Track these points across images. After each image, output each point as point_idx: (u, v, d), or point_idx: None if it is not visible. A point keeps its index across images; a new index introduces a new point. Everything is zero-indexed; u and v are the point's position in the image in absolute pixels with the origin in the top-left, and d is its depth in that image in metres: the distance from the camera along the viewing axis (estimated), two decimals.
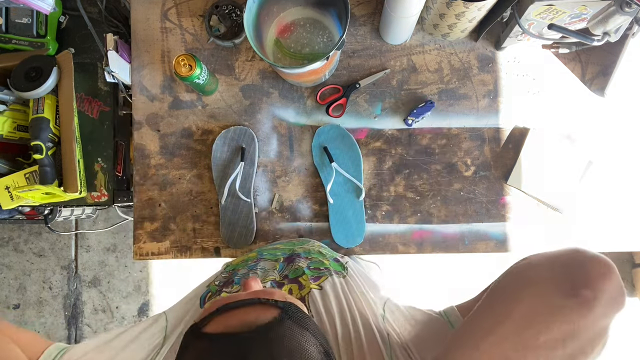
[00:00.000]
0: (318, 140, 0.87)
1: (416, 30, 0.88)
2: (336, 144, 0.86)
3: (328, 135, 0.87)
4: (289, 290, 0.57)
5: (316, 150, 0.87)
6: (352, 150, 0.86)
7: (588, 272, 0.39)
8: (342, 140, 0.86)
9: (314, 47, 0.84)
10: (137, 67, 0.90)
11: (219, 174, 0.87)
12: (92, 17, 0.97)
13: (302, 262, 0.65)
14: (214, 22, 0.89)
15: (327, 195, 0.85)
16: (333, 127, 0.87)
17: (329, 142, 0.87)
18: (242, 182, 0.85)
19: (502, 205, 0.89)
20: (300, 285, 0.58)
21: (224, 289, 0.60)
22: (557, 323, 0.37)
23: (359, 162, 0.86)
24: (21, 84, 0.94)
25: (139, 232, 0.89)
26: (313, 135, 0.88)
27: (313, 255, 0.69)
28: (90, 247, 1.78)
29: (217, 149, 0.87)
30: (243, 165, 0.85)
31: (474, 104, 0.89)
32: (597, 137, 0.88)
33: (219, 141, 0.87)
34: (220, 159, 0.87)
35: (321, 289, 0.57)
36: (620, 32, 0.64)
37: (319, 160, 0.87)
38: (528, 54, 0.88)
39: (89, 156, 1.06)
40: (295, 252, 0.71)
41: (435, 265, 1.75)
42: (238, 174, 0.84)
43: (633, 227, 0.88)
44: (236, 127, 0.87)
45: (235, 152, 0.86)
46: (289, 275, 0.62)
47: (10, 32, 1.01)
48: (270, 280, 0.61)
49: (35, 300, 1.78)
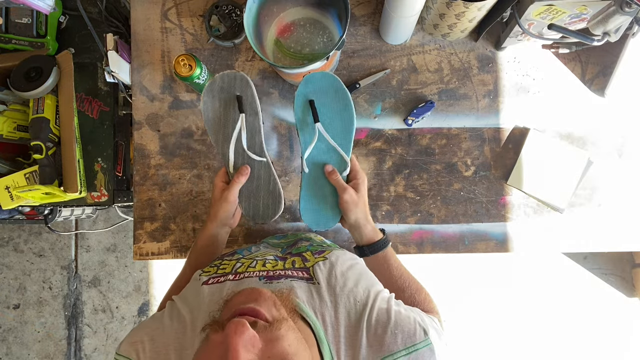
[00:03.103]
0: (304, 90, 0.67)
1: (416, 30, 0.88)
2: (326, 99, 0.67)
3: (318, 86, 0.67)
4: (292, 262, 0.57)
5: (299, 102, 0.68)
6: (346, 111, 0.67)
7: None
8: (334, 96, 0.67)
9: (314, 47, 0.84)
10: (137, 67, 0.90)
11: (217, 137, 0.69)
12: (92, 17, 0.98)
13: (304, 244, 0.68)
14: (214, 22, 0.89)
15: (303, 162, 0.69)
16: (326, 75, 0.67)
17: (318, 96, 0.67)
18: (249, 138, 0.69)
19: (502, 205, 0.89)
20: (304, 258, 0.58)
21: (225, 258, 0.61)
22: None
23: (350, 128, 0.68)
24: (21, 84, 0.94)
25: (139, 232, 0.89)
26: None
27: (315, 242, 0.71)
28: (90, 247, 1.78)
29: (207, 107, 0.69)
30: (244, 117, 0.68)
31: (474, 104, 0.89)
32: (597, 137, 0.88)
33: (207, 97, 0.68)
34: (215, 118, 0.69)
35: (326, 260, 0.57)
36: (620, 32, 0.64)
37: (301, 116, 0.68)
38: (528, 54, 0.88)
39: (89, 156, 1.06)
40: (299, 237, 0.74)
41: (435, 265, 1.75)
42: (241, 128, 0.67)
43: (633, 227, 0.88)
44: (222, 73, 0.68)
45: (230, 104, 0.69)
46: (292, 252, 0.63)
47: (10, 32, 1.01)
48: (273, 254, 0.61)
49: (35, 300, 1.78)
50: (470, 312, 1.76)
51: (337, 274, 0.54)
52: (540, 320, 1.76)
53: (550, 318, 1.76)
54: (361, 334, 0.49)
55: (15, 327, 1.78)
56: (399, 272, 0.65)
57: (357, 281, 0.55)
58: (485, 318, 1.76)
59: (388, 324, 0.49)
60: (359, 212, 0.65)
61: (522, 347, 1.75)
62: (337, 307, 0.51)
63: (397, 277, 0.65)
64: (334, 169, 0.67)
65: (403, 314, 0.51)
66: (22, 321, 1.78)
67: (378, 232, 0.66)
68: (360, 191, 0.66)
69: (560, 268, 1.78)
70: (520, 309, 1.76)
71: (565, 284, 1.77)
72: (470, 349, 1.75)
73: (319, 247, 0.64)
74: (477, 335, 1.76)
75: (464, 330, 1.75)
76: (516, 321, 1.76)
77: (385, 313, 0.50)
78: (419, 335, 0.49)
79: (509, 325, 1.75)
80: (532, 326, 1.76)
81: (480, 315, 1.76)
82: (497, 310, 1.76)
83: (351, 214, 0.65)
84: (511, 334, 1.75)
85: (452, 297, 1.75)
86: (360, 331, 0.49)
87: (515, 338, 1.75)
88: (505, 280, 1.77)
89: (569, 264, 1.78)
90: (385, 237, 0.66)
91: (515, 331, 1.75)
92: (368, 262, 0.67)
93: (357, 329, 0.49)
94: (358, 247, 0.68)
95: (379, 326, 0.49)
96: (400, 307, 0.52)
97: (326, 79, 0.67)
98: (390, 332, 0.48)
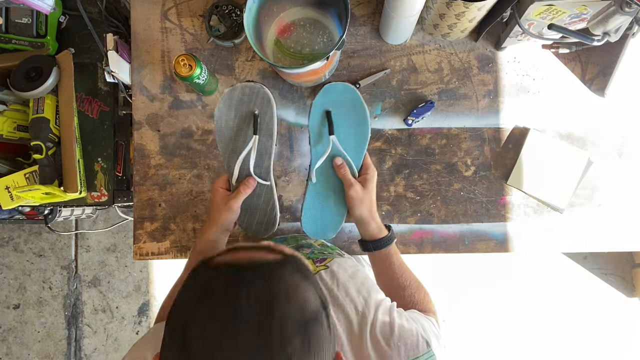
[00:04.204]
0: (322, 100, 0.66)
1: (416, 30, 0.88)
2: (344, 111, 0.66)
3: (337, 98, 0.66)
4: None
5: (316, 112, 0.66)
6: (362, 126, 0.67)
7: None
8: (352, 110, 0.66)
9: (314, 47, 0.84)
10: (137, 67, 0.90)
11: (226, 147, 0.66)
12: (92, 17, 0.97)
13: (305, 251, 0.68)
14: (214, 22, 0.89)
15: (311, 172, 0.68)
16: (347, 88, 0.66)
17: (335, 107, 0.66)
18: (257, 159, 0.66)
19: (502, 205, 0.89)
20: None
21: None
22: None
23: (364, 143, 0.67)
24: (21, 84, 0.94)
25: (139, 232, 0.89)
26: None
27: (316, 248, 0.71)
28: (90, 247, 1.78)
29: (221, 115, 0.65)
30: (257, 139, 0.64)
31: (474, 104, 0.89)
32: (597, 137, 0.88)
33: (223, 104, 0.65)
34: (227, 129, 0.65)
35: (327, 268, 0.58)
36: (620, 32, 0.64)
37: (316, 127, 0.67)
38: (528, 54, 0.88)
39: (89, 156, 1.06)
40: (299, 244, 0.75)
41: (434, 265, 1.75)
42: (251, 150, 0.64)
43: (633, 227, 0.88)
44: (244, 84, 0.64)
45: (245, 120, 0.65)
46: None
47: (10, 32, 1.01)
48: None
49: (35, 300, 1.78)
50: (470, 312, 1.76)
51: (339, 282, 0.55)
52: (540, 320, 1.76)
53: (550, 318, 1.76)
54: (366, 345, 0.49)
55: (15, 327, 1.78)
56: (400, 270, 0.65)
57: (359, 290, 0.55)
58: (485, 318, 1.76)
59: (391, 336, 0.50)
60: (364, 208, 0.65)
61: (522, 347, 1.75)
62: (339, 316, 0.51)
63: (398, 275, 0.65)
64: (343, 162, 0.67)
65: (406, 327, 0.51)
66: (22, 321, 1.78)
67: (383, 229, 0.66)
68: (367, 187, 0.65)
69: (560, 268, 1.78)
70: (520, 309, 1.76)
71: (565, 284, 1.77)
72: (470, 349, 1.75)
73: (320, 254, 0.65)
74: (477, 335, 1.76)
75: (464, 330, 1.75)
76: (516, 321, 1.76)
77: (388, 325, 0.51)
78: (422, 347, 0.49)
79: (509, 325, 1.75)
80: (532, 326, 1.76)
81: (480, 315, 1.76)
82: (497, 311, 1.76)
83: (356, 209, 0.65)
84: (511, 334, 1.75)
85: (452, 297, 1.75)
86: (364, 341, 0.49)
87: (515, 338, 1.75)
88: (505, 280, 1.77)
89: (569, 264, 1.78)
90: (389, 235, 0.66)
91: (515, 331, 1.75)
92: (371, 257, 0.68)
93: (360, 339, 0.50)
94: (362, 241, 0.68)
95: (382, 338, 0.49)
96: (402, 319, 0.53)
97: (347, 91, 0.66)
98: (393, 344, 0.49)
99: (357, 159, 0.68)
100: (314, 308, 0.37)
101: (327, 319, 0.38)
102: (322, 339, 0.36)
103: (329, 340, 0.38)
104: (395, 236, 0.67)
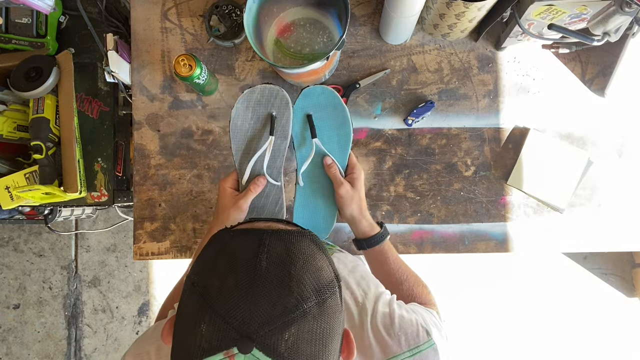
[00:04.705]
0: (302, 104, 0.67)
1: (416, 30, 0.88)
2: (324, 114, 0.67)
3: (316, 101, 0.67)
4: None
5: (298, 116, 0.67)
6: (344, 127, 0.67)
7: None
8: (333, 112, 0.67)
9: (314, 47, 0.84)
10: (137, 67, 0.90)
11: (239, 146, 0.67)
12: (92, 17, 0.97)
13: None
14: (214, 22, 0.89)
15: (298, 176, 0.69)
16: (325, 90, 0.66)
17: (316, 110, 0.67)
18: (270, 160, 0.67)
19: (502, 205, 0.89)
20: None
21: None
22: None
23: (347, 144, 0.68)
24: (21, 84, 0.94)
25: (139, 232, 0.89)
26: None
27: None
28: (90, 247, 1.79)
29: (238, 114, 0.66)
30: (273, 140, 0.65)
31: (474, 104, 0.89)
32: (597, 137, 0.88)
33: (241, 105, 0.66)
34: (242, 129, 0.66)
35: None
36: (620, 32, 0.64)
37: (299, 131, 0.68)
38: (528, 54, 0.88)
39: (89, 156, 1.06)
40: None
41: (433, 265, 1.75)
42: (266, 150, 0.65)
43: (633, 227, 0.88)
44: (264, 86, 0.65)
45: (262, 122, 0.66)
46: None
47: (10, 32, 1.00)
48: None
49: (35, 300, 1.78)
50: (471, 312, 1.76)
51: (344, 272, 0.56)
52: (540, 320, 1.76)
53: (550, 318, 1.76)
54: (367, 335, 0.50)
55: (15, 327, 1.78)
56: (396, 265, 0.66)
57: (358, 283, 0.56)
58: (485, 318, 1.76)
59: (392, 327, 0.50)
60: (355, 207, 0.65)
61: (522, 346, 1.75)
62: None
63: (395, 269, 0.65)
64: (333, 162, 0.67)
65: (406, 317, 0.51)
66: (22, 321, 1.78)
67: (375, 226, 0.66)
68: (356, 186, 0.66)
69: (560, 268, 1.78)
70: (520, 309, 1.76)
71: (565, 284, 1.77)
72: (470, 349, 1.75)
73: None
74: (478, 335, 1.76)
75: (464, 330, 1.75)
76: (516, 321, 1.76)
77: (388, 316, 0.51)
78: (422, 336, 0.50)
79: (509, 325, 1.75)
80: (532, 326, 1.76)
81: (480, 315, 1.76)
82: (497, 311, 1.76)
83: (347, 208, 0.65)
84: (511, 334, 1.75)
85: (452, 297, 1.75)
86: (365, 332, 0.50)
87: (515, 338, 1.75)
88: (505, 280, 1.77)
89: (569, 264, 1.78)
90: (382, 232, 0.66)
91: (516, 331, 1.75)
92: (366, 255, 0.68)
93: (361, 329, 0.50)
94: (356, 240, 0.68)
95: (383, 328, 0.50)
96: (402, 310, 0.53)
97: (325, 94, 0.66)
98: (394, 334, 0.49)
99: (342, 160, 0.68)
100: (329, 278, 0.38)
101: (339, 292, 0.40)
102: (335, 308, 0.38)
103: (340, 311, 0.39)
104: (388, 232, 0.67)
